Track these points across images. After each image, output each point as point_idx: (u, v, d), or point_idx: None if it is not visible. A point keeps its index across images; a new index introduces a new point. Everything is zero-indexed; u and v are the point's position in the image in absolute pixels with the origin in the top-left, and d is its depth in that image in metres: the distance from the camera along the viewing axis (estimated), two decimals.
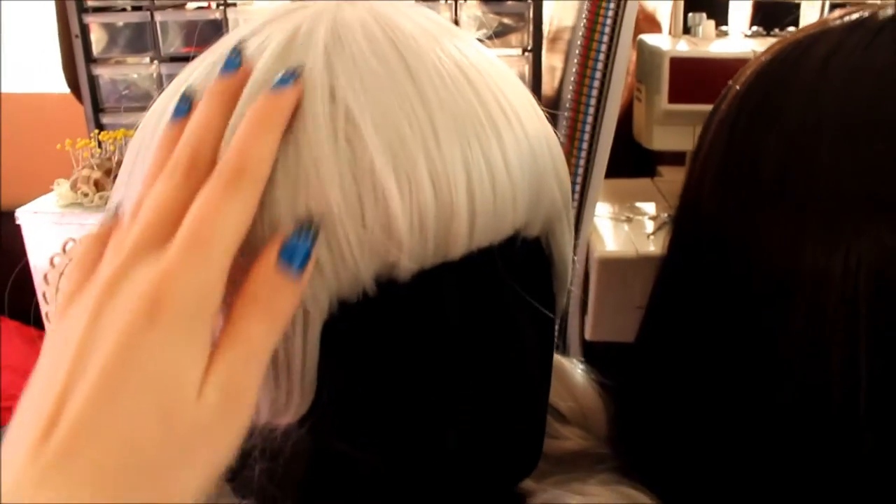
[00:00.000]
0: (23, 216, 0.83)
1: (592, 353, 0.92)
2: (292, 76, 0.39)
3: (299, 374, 0.42)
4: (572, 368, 0.65)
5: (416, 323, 0.43)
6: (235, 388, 0.35)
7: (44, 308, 0.85)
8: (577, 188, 0.86)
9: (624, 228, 0.90)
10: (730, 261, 0.53)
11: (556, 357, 0.66)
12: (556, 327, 0.93)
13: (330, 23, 0.43)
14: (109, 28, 1.03)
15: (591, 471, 0.58)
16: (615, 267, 0.84)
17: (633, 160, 1.15)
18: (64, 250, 0.82)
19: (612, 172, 1.13)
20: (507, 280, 0.44)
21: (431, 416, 0.45)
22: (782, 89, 0.51)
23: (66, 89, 1.22)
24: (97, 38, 1.06)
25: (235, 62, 0.41)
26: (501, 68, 0.45)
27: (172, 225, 0.36)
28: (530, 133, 0.43)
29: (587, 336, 0.89)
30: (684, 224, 0.60)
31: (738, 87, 0.55)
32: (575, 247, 0.87)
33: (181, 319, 0.34)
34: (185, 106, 0.42)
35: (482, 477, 0.48)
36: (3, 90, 1.90)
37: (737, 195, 0.52)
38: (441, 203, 0.40)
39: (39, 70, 1.79)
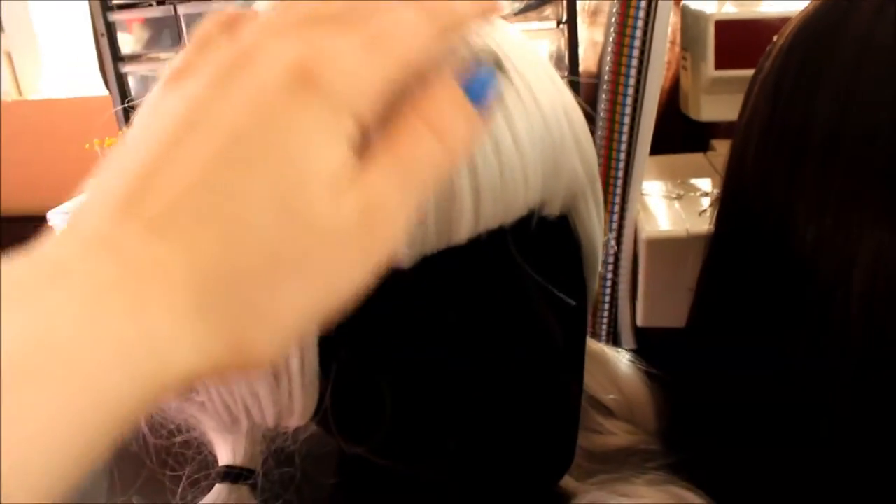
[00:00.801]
0: (54, 218, 0.83)
1: (646, 341, 0.87)
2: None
3: (298, 373, 0.40)
4: (617, 358, 0.61)
5: (420, 314, 0.40)
6: (383, 209, 0.28)
7: None
8: (622, 165, 0.81)
9: (674, 206, 0.85)
10: (777, 237, 0.49)
11: (599, 346, 0.62)
12: (606, 315, 0.89)
13: None
14: (146, 25, 1.02)
15: (638, 469, 0.54)
16: (665, 247, 0.79)
17: (684, 134, 1.10)
18: None
19: (662, 148, 1.08)
20: (521, 264, 0.40)
21: (443, 413, 0.42)
22: (831, 42, 0.46)
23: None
24: (136, 37, 1.06)
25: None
26: (512, 34, 0.41)
27: (345, 15, 0.29)
28: (543, 103, 0.39)
29: (639, 322, 0.84)
30: (729, 198, 0.56)
31: (781, 43, 0.50)
32: (621, 227, 0.83)
33: (333, 102, 0.27)
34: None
35: (508, 476, 0.45)
36: (43, 95, 1.93)
37: (782, 164, 0.47)
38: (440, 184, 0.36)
39: (81, 73, 1.81)
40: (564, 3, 0.82)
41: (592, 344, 0.62)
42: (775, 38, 0.51)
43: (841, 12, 0.46)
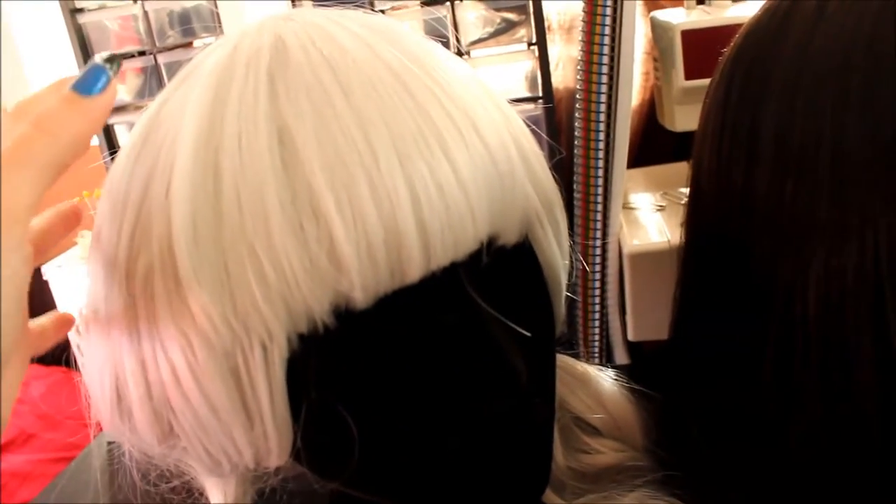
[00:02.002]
0: (49, 271, 0.83)
1: (639, 355, 0.87)
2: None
3: (270, 413, 0.40)
4: (600, 377, 0.61)
5: (382, 352, 0.41)
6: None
7: (80, 360, 0.85)
8: (601, 182, 0.81)
9: (656, 218, 0.85)
10: (735, 246, 0.49)
11: (583, 366, 0.62)
12: (597, 331, 0.89)
13: (271, 42, 0.41)
14: (140, 73, 1.03)
15: (627, 486, 0.55)
16: (648, 261, 0.79)
17: (673, 144, 1.10)
18: None
19: (651, 159, 1.08)
20: (475, 299, 0.40)
21: (413, 446, 0.42)
22: (774, 48, 0.46)
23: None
24: (128, 87, 1.07)
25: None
26: (452, 68, 0.42)
27: None
28: (487, 136, 0.40)
29: (630, 337, 0.84)
30: (692, 207, 0.56)
31: (729, 52, 0.50)
32: (605, 244, 0.83)
33: None
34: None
35: (485, 501, 0.45)
36: None
37: (736, 172, 0.48)
38: (387, 225, 0.37)
39: None
40: (533, 23, 0.83)
41: (576, 365, 0.62)
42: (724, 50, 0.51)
43: (782, 16, 0.46)
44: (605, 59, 0.76)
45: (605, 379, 0.62)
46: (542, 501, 0.57)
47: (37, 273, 0.92)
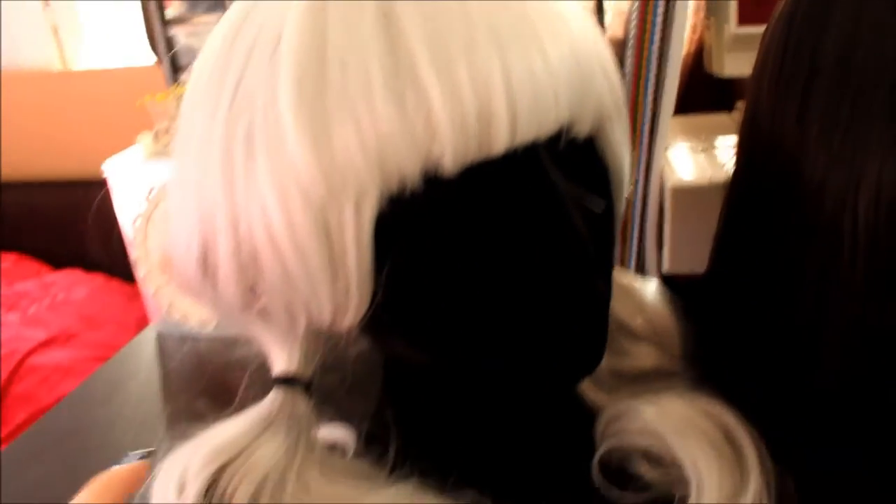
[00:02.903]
0: (109, 169, 0.87)
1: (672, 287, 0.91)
2: None
3: (355, 268, 0.44)
4: (643, 285, 0.65)
5: (463, 219, 0.45)
6: None
7: (133, 255, 0.89)
8: (648, 121, 0.85)
9: (699, 159, 0.88)
10: (789, 168, 0.52)
11: (628, 276, 0.66)
12: (633, 263, 0.93)
13: None
14: None
15: (664, 387, 0.58)
16: (689, 196, 0.82)
17: (710, 96, 1.13)
18: (149, 199, 0.85)
19: (688, 108, 1.11)
20: (553, 175, 0.44)
21: (485, 310, 0.46)
22: None
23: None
24: (174, 9, 1.10)
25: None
26: None
27: None
28: (575, 33, 0.45)
29: (665, 269, 0.88)
30: (746, 138, 0.59)
31: None
32: (647, 178, 0.86)
33: None
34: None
35: (543, 374, 0.49)
36: (87, 66, 1.99)
37: (794, 93, 0.51)
38: (480, 100, 0.41)
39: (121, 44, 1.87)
40: None
41: (622, 276, 0.66)
42: None
43: None
44: (660, 9, 0.79)
45: (648, 289, 0.66)
46: (584, 394, 0.62)
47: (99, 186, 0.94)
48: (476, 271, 0.46)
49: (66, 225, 1.75)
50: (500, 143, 0.43)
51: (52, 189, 1.81)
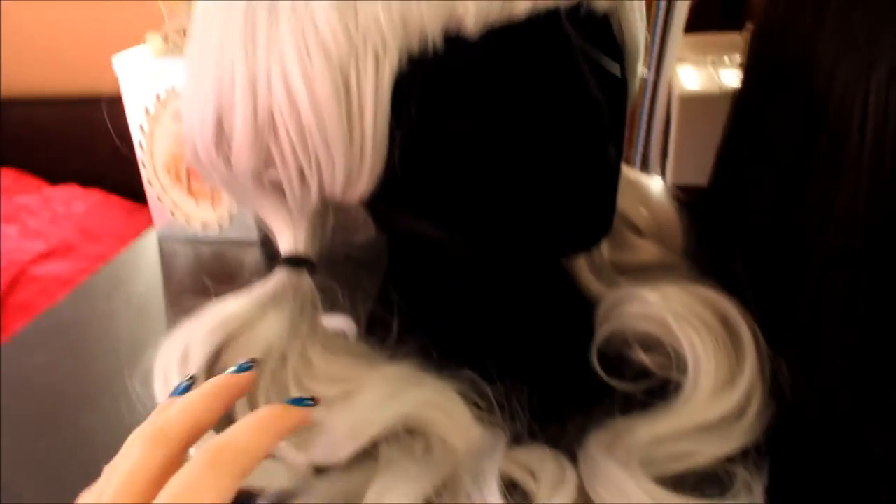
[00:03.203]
0: (119, 64, 0.86)
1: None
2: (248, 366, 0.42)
3: (371, 127, 0.44)
4: (648, 180, 0.65)
5: (483, 82, 0.44)
6: None
7: (139, 156, 0.89)
8: (660, 31, 0.84)
9: (708, 70, 0.88)
10: (800, 74, 0.52)
11: (634, 172, 0.67)
12: (637, 169, 0.93)
13: None
14: None
15: (664, 280, 0.59)
16: (697, 105, 0.82)
17: (720, 14, 1.11)
18: (158, 98, 0.84)
19: (698, 26, 1.10)
20: (574, 39, 0.44)
21: (499, 174, 0.46)
22: None
23: None
24: None
25: (247, 367, 0.43)
26: None
27: (139, 494, 0.35)
28: None
29: (668, 179, 0.88)
30: (758, 45, 0.59)
31: None
32: (656, 87, 0.86)
33: None
34: (186, 389, 0.43)
35: (554, 241, 0.49)
36: None
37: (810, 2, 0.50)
38: None
39: None
40: None
41: (629, 171, 0.66)
42: None
43: None
44: None
45: (654, 184, 0.66)
46: (585, 285, 0.63)
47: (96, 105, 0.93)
48: (493, 134, 0.46)
49: (65, 142, 1.74)
50: (522, 4, 0.43)
51: (52, 106, 1.80)
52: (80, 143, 1.72)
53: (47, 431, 0.60)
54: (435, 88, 0.44)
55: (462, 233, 0.50)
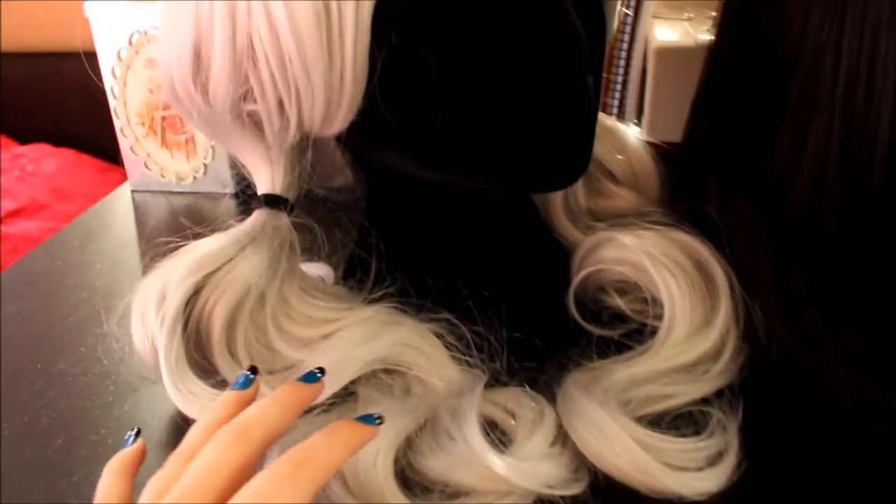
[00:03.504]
0: (90, 8, 0.84)
1: None
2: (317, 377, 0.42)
3: (351, 52, 0.44)
4: (626, 130, 0.66)
5: (464, 8, 0.44)
6: None
7: (112, 104, 0.87)
8: None
9: (685, 25, 0.88)
10: (771, 33, 0.52)
11: (611, 119, 0.67)
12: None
13: None
14: None
15: (638, 226, 0.59)
16: (672, 57, 0.82)
17: None
18: (130, 42, 0.83)
19: None
20: None
21: (477, 100, 0.46)
22: None
23: None
24: None
25: (315, 377, 0.42)
26: None
27: (216, 490, 0.35)
28: None
29: (644, 136, 0.88)
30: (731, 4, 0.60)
31: None
32: (632, 40, 0.86)
33: None
34: (247, 381, 0.42)
35: (534, 172, 0.50)
36: None
37: None
38: None
39: None
40: None
41: (605, 119, 0.66)
42: None
43: None
44: None
45: (631, 133, 0.67)
46: (561, 232, 0.63)
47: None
48: (472, 61, 0.45)
49: (34, 99, 1.71)
50: None
51: (20, 61, 1.76)
52: (51, 101, 1.70)
53: (24, 378, 0.59)
54: (414, 13, 0.44)
55: (440, 166, 0.50)
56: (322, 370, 0.42)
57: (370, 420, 0.40)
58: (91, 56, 0.85)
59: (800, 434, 0.50)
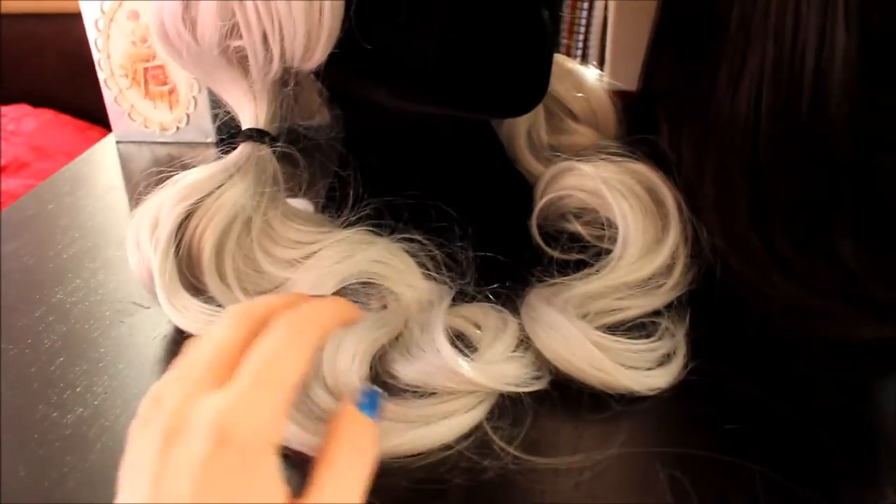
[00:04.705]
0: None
1: None
2: None
3: None
4: (585, 72, 0.70)
5: None
6: None
7: (96, 56, 0.91)
8: None
9: None
10: None
11: (571, 62, 0.71)
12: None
13: None
14: None
15: (596, 157, 0.64)
16: (632, 5, 0.87)
17: None
18: None
19: None
20: None
21: (444, 33, 0.51)
22: None
23: None
24: None
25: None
26: None
27: (229, 361, 0.37)
28: None
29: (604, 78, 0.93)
30: None
31: None
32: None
33: (251, 448, 0.34)
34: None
35: (495, 100, 0.54)
36: None
37: None
38: None
39: None
40: None
41: (566, 61, 0.71)
42: None
43: None
44: None
45: (590, 74, 0.71)
46: (524, 164, 0.68)
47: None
48: None
49: (14, 60, 1.73)
50: None
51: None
52: (30, 63, 1.72)
53: (24, 306, 0.63)
54: None
55: (409, 94, 0.54)
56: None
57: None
58: (73, 17, 0.88)
59: (739, 336, 0.55)
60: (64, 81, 1.65)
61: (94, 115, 0.90)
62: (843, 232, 0.55)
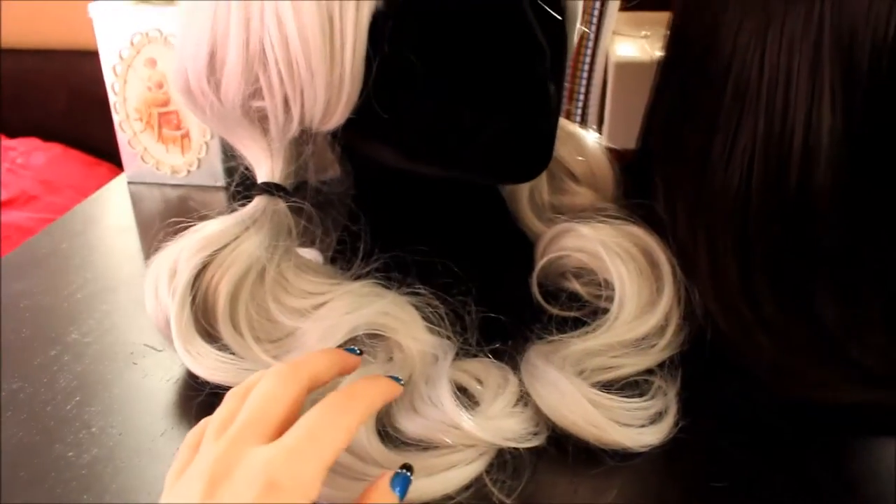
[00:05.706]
0: (95, 9, 0.90)
1: None
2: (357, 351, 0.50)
3: (350, 57, 0.51)
4: (585, 135, 0.74)
5: (445, 22, 0.52)
6: None
7: (112, 99, 0.94)
8: (598, 4, 0.92)
9: (642, 43, 0.96)
10: (707, 48, 0.60)
11: (572, 125, 0.75)
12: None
13: None
14: None
15: (595, 219, 0.67)
16: (631, 71, 0.90)
17: None
18: (132, 43, 0.89)
19: (633, 5, 1.19)
20: None
21: (455, 102, 0.54)
22: None
23: None
24: None
25: (355, 350, 0.50)
26: None
27: (275, 418, 0.41)
28: None
29: (604, 141, 0.96)
30: (676, 26, 0.68)
31: None
32: (594, 55, 0.94)
33: (295, 499, 0.37)
34: None
35: (503, 166, 0.57)
36: None
37: None
38: None
39: None
40: None
41: (567, 124, 0.74)
42: None
43: None
44: None
45: (590, 138, 0.75)
46: (527, 224, 0.71)
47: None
48: (451, 68, 0.53)
49: (24, 94, 1.75)
50: None
51: (12, 57, 1.80)
52: (42, 96, 1.74)
53: (39, 345, 0.65)
54: (404, 27, 0.51)
55: (420, 157, 0.58)
56: (362, 351, 0.51)
57: (397, 379, 0.48)
58: (83, 54, 0.90)
59: (728, 397, 0.58)
60: (70, 116, 1.68)
61: (102, 150, 0.92)
62: (826, 298, 0.58)
